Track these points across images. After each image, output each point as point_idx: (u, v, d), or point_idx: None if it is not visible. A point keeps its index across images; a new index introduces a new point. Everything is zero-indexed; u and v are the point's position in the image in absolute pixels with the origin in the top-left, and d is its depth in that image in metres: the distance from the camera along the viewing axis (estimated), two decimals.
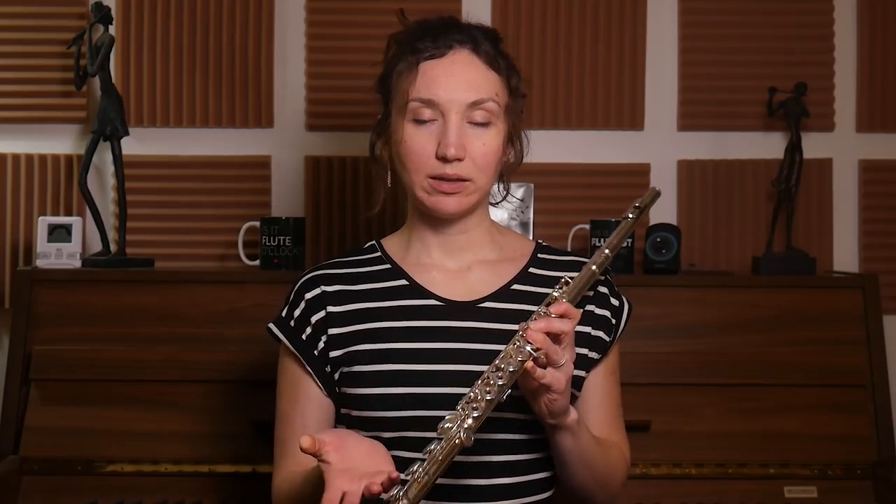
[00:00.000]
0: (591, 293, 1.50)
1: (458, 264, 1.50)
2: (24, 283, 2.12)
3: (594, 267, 1.39)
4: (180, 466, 2.00)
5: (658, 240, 2.25)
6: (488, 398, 1.26)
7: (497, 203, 1.58)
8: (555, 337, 1.28)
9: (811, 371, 2.10)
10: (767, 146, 2.47)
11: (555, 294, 1.35)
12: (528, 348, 1.27)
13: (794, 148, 2.34)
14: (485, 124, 1.42)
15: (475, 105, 1.41)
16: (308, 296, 1.48)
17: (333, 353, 1.45)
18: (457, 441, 1.24)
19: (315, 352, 1.46)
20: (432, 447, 1.25)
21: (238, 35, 2.44)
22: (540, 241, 1.59)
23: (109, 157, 2.33)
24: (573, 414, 1.36)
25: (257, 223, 2.27)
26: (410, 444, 1.38)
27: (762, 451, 2.03)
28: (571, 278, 1.37)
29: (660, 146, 2.49)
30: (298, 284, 1.50)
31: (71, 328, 2.10)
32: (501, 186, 1.56)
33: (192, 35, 2.44)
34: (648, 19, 2.48)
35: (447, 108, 1.40)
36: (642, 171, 2.48)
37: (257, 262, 2.27)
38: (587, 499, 1.50)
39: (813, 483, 2.03)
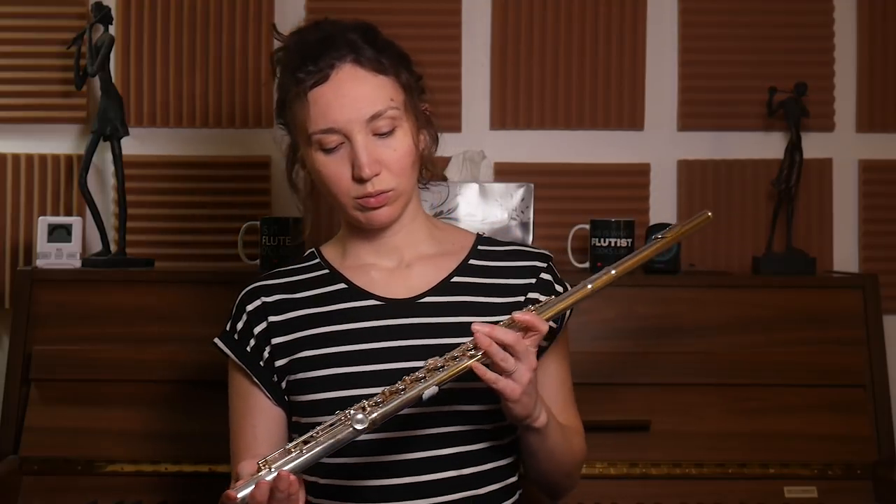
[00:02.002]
0: (534, 280, 1.49)
1: (395, 262, 1.49)
2: (24, 283, 2.12)
3: (590, 286, 1.36)
4: (180, 466, 2.00)
5: None
6: (400, 389, 1.26)
7: (425, 184, 1.55)
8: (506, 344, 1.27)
9: (811, 371, 2.09)
10: (767, 146, 2.47)
11: (535, 303, 1.34)
12: (471, 351, 1.28)
13: (794, 148, 2.34)
14: (390, 132, 1.41)
15: (374, 118, 1.39)
16: (249, 308, 1.49)
17: (279, 363, 1.45)
18: (350, 428, 1.23)
19: (261, 362, 1.46)
20: (327, 420, 1.25)
21: (238, 35, 2.44)
22: (481, 233, 1.59)
23: (109, 157, 2.33)
24: (542, 418, 1.36)
25: (257, 223, 2.27)
26: (361, 445, 1.37)
27: (762, 451, 2.03)
28: (562, 291, 1.35)
29: (660, 146, 2.49)
30: (239, 298, 1.51)
31: (71, 328, 2.10)
32: (426, 172, 1.54)
33: (192, 35, 2.44)
34: (648, 19, 2.48)
35: (349, 130, 1.39)
36: (642, 171, 2.48)
37: (257, 262, 2.27)
38: (550, 487, 1.51)
39: (813, 483, 2.03)
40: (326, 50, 1.41)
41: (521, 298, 1.47)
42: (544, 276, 1.50)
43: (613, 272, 1.37)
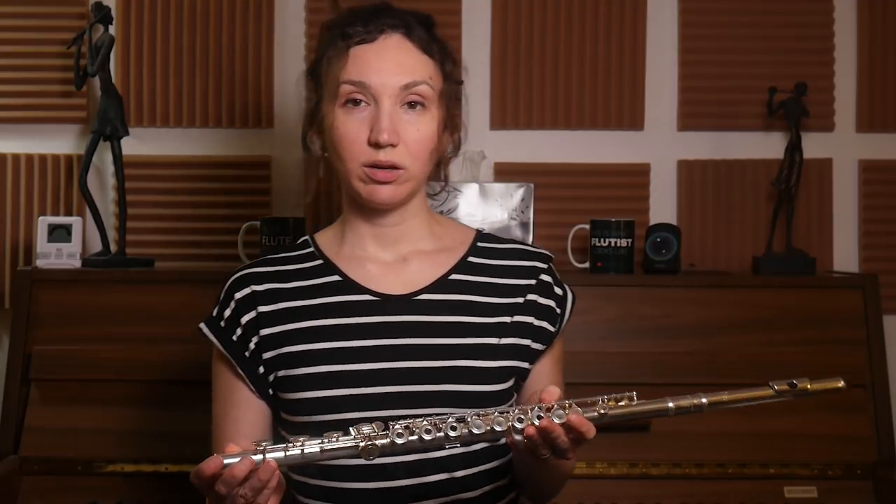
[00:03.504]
0: (534, 281, 1.46)
1: (393, 256, 1.46)
2: (24, 283, 2.12)
3: (671, 404, 1.23)
4: (180, 466, 2.00)
5: (658, 240, 2.25)
6: (425, 437, 1.17)
7: (436, 194, 1.54)
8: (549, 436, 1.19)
9: (811, 371, 2.07)
10: (767, 146, 2.47)
11: (601, 403, 1.21)
12: (515, 434, 1.19)
13: (794, 148, 2.34)
14: (419, 109, 1.38)
15: (408, 88, 1.37)
16: (238, 296, 1.44)
17: (267, 355, 1.41)
18: (357, 445, 1.17)
19: (246, 353, 1.42)
20: (335, 436, 1.18)
21: (238, 35, 2.44)
22: (481, 229, 1.55)
23: (109, 157, 2.33)
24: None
25: (257, 223, 2.27)
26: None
27: (762, 451, 2.03)
28: (634, 399, 1.22)
29: (660, 146, 2.49)
30: (228, 284, 1.47)
31: (71, 328, 2.10)
32: (442, 174, 1.52)
33: (192, 35, 2.44)
34: (648, 19, 2.48)
35: (379, 93, 1.37)
36: (642, 171, 2.48)
37: None
38: (536, 495, 1.49)
39: (813, 483, 2.03)
40: (380, 17, 1.40)
41: (521, 300, 1.45)
42: (544, 277, 1.48)
43: (704, 401, 1.23)
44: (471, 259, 1.48)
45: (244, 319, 1.43)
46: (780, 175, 2.35)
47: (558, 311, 1.48)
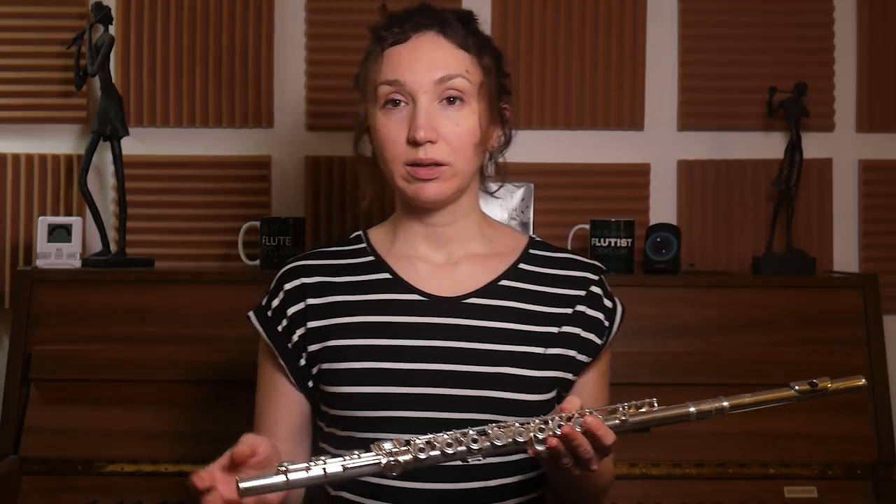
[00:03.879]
0: (584, 293, 1.46)
1: (444, 257, 1.46)
2: (24, 283, 2.12)
3: (693, 409, 1.22)
4: (180, 466, 2.00)
5: (658, 240, 2.25)
6: (447, 451, 1.16)
7: (494, 192, 1.53)
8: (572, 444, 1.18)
9: (811, 371, 2.08)
10: (767, 146, 2.47)
11: (621, 411, 1.22)
12: (537, 444, 1.18)
13: (794, 148, 2.34)
14: (457, 104, 1.38)
15: (442, 82, 1.37)
16: (287, 286, 1.45)
17: (312, 347, 1.42)
18: (379, 462, 1.15)
19: (289, 344, 1.43)
20: (357, 454, 1.15)
21: (238, 35, 2.44)
22: (534, 236, 1.55)
23: (109, 157, 2.33)
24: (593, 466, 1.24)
25: (257, 223, 2.27)
26: None
27: (762, 451, 2.03)
28: (655, 405, 1.23)
29: (660, 146, 2.49)
30: (280, 274, 1.47)
31: (71, 328, 2.10)
32: (491, 169, 1.50)
33: (192, 35, 2.44)
34: (648, 19, 2.48)
35: (414, 90, 1.37)
36: (642, 171, 2.48)
37: (257, 262, 2.27)
38: None
39: (813, 483, 2.03)
40: (415, 17, 1.41)
41: (569, 310, 1.44)
42: (594, 288, 1.47)
43: (725, 404, 1.23)
44: (522, 266, 1.47)
45: (291, 311, 1.44)
46: (780, 175, 2.35)
47: (606, 323, 1.47)
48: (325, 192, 2.44)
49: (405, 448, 1.15)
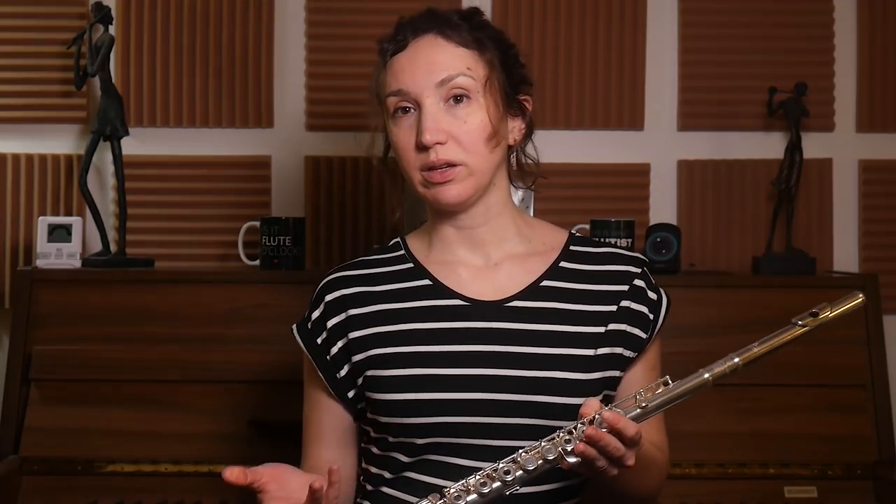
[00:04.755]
0: (627, 287, 1.43)
1: (484, 260, 1.44)
2: (24, 283, 2.12)
3: (707, 375, 1.23)
4: (180, 466, 2.00)
5: (658, 240, 2.25)
6: (484, 491, 1.17)
7: (530, 186, 1.50)
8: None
9: (811, 371, 2.09)
10: (767, 146, 2.47)
11: (638, 399, 1.22)
12: (567, 457, 1.18)
13: (794, 148, 2.34)
14: (464, 101, 1.37)
15: (444, 83, 1.36)
16: (328, 298, 1.44)
17: (356, 357, 1.41)
18: None
19: (328, 357, 1.43)
20: None
21: (238, 35, 2.44)
22: (574, 231, 1.52)
23: (109, 157, 2.33)
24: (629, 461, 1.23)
25: (257, 223, 2.27)
26: (443, 449, 1.35)
27: (762, 451, 2.03)
28: (669, 382, 1.23)
29: (660, 146, 2.49)
30: (320, 286, 1.47)
31: (71, 328, 2.10)
32: (514, 161, 1.49)
33: (192, 35, 2.44)
34: (648, 19, 2.48)
35: (418, 95, 1.36)
36: (642, 171, 2.48)
37: (257, 262, 2.27)
38: None
39: (813, 483, 2.03)
40: (416, 23, 1.41)
41: (614, 307, 1.41)
42: (637, 282, 1.44)
43: (737, 360, 1.23)
44: (563, 264, 1.45)
45: (331, 323, 1.43)
46: (780, 175, 2.35)
47: (651, 316, 1.44)
48: (325, 192, 2.44)
49: (441, 501, 1.17)
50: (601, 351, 1.40)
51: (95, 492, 1.99)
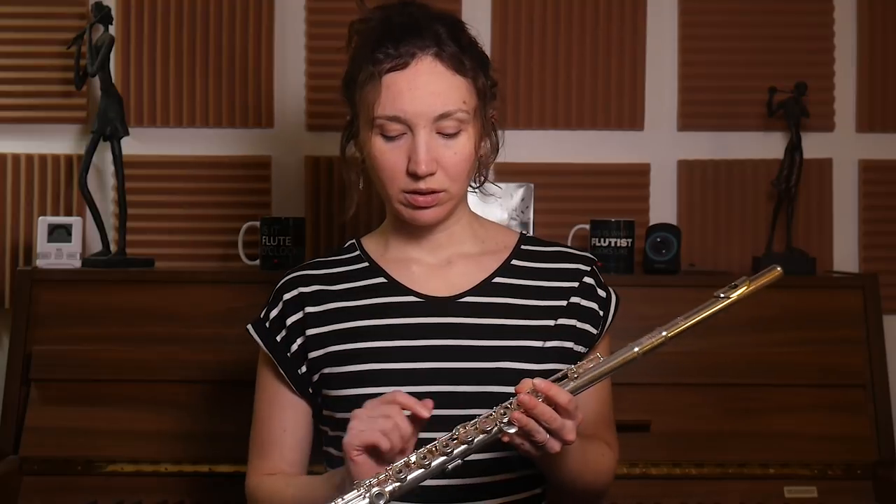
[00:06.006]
0: (577, 284, 1.47)
1: (437, 259, 1.47)
2: (24, 283, 2.12)
3: (637, 349, 1.27)
4: (180, 466, 2.00)
5: (658, 240, 2.25)
6: (425, 464, 1.19)
7: (476, 188, 1.53)
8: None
9: (811, 371, 2.09)
10: (767, 146, 2.47)
11: (573, 368, 1.26)
12: (505, 428, 1.21)
13: (794, 148, 2.34)
14: (454, 135, 1.38)
15: (443, 118, 1.37)
16: (286, 297, 1.47)
17: (313, 354, 1.44)
18: (366, 498, 1.18)
19: (288, 354, 1.45)
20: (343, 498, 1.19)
21: (238, 35, 2.44)
22: (524, 232, 1.57)
23: (109, 157, 2.33)
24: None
25: (257, 223, 2.27)
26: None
27: (762, 451, 2.03)
28: (599, 357, 1.27)
29: (660, 146, 2.49)
30: (278, 285, 1.50)
31: (71, 328, 2.10)
32: (480, 178, 1.52)
33: (192, 35, 2.44)
34: (648, 19, 2.48)
35: (414, 123, 1.36)
36: (642, 171, 2.48)
37: (257, 262, 2.27)
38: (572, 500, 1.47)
39: (813, 483, 2.03)
40: (410, 36, 1.37)
41: (564, 303, 1.46)
42: (587, 279, 1.49)
43: (665, 333, 1.28)
44: (514, 262, 1.49)
45: (290, 321, 1.46)
46: (780, 175, 2.35)
47: (601, 313, 1.49)
48: (324, 192, 2.44)
49: (385, 476, 1.18)
50: (550, 343, 1.43)
51: (95, 492, 1.99)
